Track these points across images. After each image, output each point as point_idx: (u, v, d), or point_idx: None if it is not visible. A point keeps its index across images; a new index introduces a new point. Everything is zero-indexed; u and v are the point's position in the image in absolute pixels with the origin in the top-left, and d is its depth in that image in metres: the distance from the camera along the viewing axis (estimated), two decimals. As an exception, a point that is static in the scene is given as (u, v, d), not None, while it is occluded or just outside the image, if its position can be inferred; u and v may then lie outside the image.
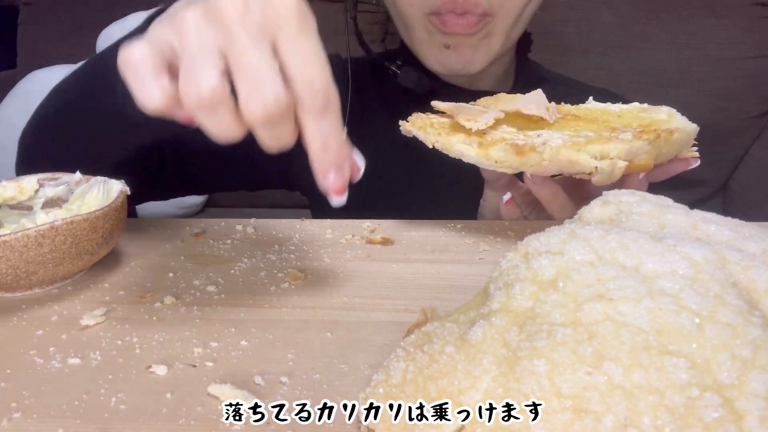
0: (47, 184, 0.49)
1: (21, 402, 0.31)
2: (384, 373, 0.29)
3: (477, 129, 0.48)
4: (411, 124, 0.52)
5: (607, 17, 1.32)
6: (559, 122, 0.51)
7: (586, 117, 0.53)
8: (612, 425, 0.22)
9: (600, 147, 0.44)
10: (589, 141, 0.45)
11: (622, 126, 0.49)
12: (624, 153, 0.44)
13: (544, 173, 0.47)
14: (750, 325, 0.24)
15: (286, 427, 0.29)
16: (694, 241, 0.28)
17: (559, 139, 0.46)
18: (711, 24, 1.29)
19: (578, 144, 0.44)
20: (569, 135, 0.47)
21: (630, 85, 1.27)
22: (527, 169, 0.46)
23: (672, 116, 0.51)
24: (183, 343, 0.36)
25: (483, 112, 0.50)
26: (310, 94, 0.31)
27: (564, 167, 0.45)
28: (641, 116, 0.52)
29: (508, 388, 0.24)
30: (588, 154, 0.44)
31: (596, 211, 0.33)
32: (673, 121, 0.50)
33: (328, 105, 0.31)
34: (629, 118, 0.52)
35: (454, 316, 0.31)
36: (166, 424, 0.29)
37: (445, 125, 0.51)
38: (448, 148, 0.49)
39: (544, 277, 0.28)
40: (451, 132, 0.49)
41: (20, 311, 0.40)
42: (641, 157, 0.45)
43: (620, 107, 0.55)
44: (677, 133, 0.47)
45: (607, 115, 0.54)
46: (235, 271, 0.45)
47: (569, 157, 0.44)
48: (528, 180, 0.49)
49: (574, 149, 0.44)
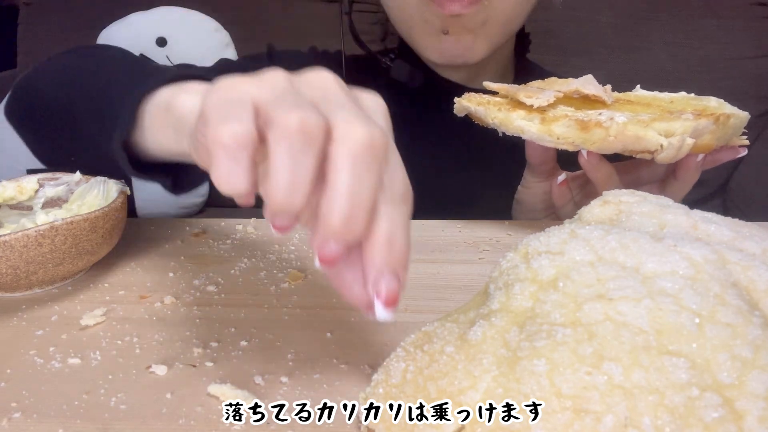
0: (47, 184, 0.49)
1: (21, 402, 0.31)
2: (384, 373, 0.29)
3: (538, 106, 0.48)
4: (468, 101, 0.52)
5: (607, 17, 1.32)
6: (615, 105, 0.51)
7: (639, 102, 0.52)
8: (612, 425, 0.22)
9: (666, 125, 0.44)
10: (653, 119, 0.44)
11: (680, 111, 0.49)
12: (691, 130, 0.44)
13: (606, 151, 0.46)
14: (750, 325, 0.24)
15: (286, 427, 0.29)
16: (694, 241, 0.28)
17: (622, 117, 0.45)
18: (711, 24, 1.28)
19: (644, 122, 0.44)
20: (631, 115, 0.47)
21: (630, 85, 1.26)
22: (590, 146, 0.46)
23: (722, 104, 0.51)
24: (183, 343, 0.36)
25: (542, 91, 0.49)
26: (395, 185, 0.27)
27: (629, 144, 0.44)
28: (692, 103, 0.52)
29: (508, 388, 0.24)
30: (654, 131, 0.44)
31: (596, 211, 0.33)
32: (724, 108, 0.50)
33: (406, 198, 0.28)
34: (681, 104, 0.52)
35: (454, 316, 0.31)
36: (166, 424, 0.29)
37: (504, 103, 0.51)
38: (508, 125, 0.48)
39: (544, 277, 0.28)
40: (512, 109, 0.49)
41: (20, 311, 0.40)
42: (705, 137, 0.45)
43: (670, 95, 0.55)
44: (733, 118, 0.47)
45: (659, 101, 0.54)
46: (235, 271, 0.45)
47: (636, 132, 0.43)
48: (583, 160, 0.48)
49: (640, 126, 0.44)
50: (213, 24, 1.30)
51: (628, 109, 0.49)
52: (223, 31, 1.31)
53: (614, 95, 0.54)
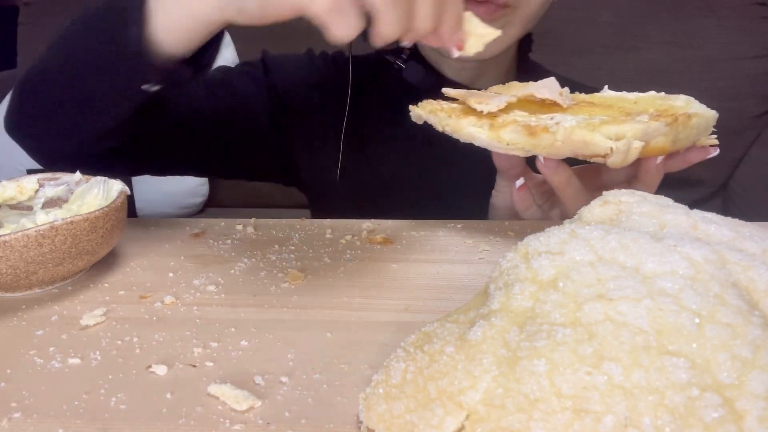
0: (47, 184, 0.49)
1: (21, 402, 0.31)
2: (384, 373, 0.29)
3: (488, 112, 0.48)
4: (421, 109, 0.52)
5: (607, 17, 1.32)
6: (573, 108, 0.50)
7: (601, 104, 0.52)
8: (612, 425, 0.22)
9: (615, 128, 0.43)
10: (603, 122, 0.44)
11: (638, 112, 0.48)
12: (640, 134, 0.43)
13: (556, 156, 0.46)
14: (750, 325, 0.24)
15: (286, 426, 0.29)
16: (694, 241, 0.28)
17: (572, 121, 0.45)
18: (711, 24, 1.29)
19: (592, 125, 0.44)
20: (583, 118, 0.46)
21: (630, 85, 1.26)
22: (540, 152, 0.46)
23: (690, 103, 0.50)
24: (183, 343, 0.36)
25: (495, 96, 0.49)
26: None
27: (578, 148, 0.44)
28: (657, 103, 0.52)
29: (508, 388, 0.24)
30: (603, 134, 0.43)
31: (596, 211, 0.33)
32: (691, 107, 0.49)
33: None
34: (645, 105, 0.51)
35: (454, 316, 0.31)
36: (166, 424, 0.29)
37: (456, 110, 0.51)
38: (459, 131, 0.48)
39: (544, 277, 0.28)
40: (462, 116, 0.49)
41: (20, 311, 0.40)
42: (658, 140, 0.44)
43: (636, 95, 0.54)
44: (696, 118, 0.46)
45: (623, 102, 0.53)
46: (235, 271, 0.45)
47: (583, 137, 0.43)
48: (540, 164, 0.48)
49: (588, 129, 0.43)
50: (213, 24, 1.30)
51: (587, 112, 0.49)
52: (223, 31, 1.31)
53: (578, 97, 0.54)
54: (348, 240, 0.50)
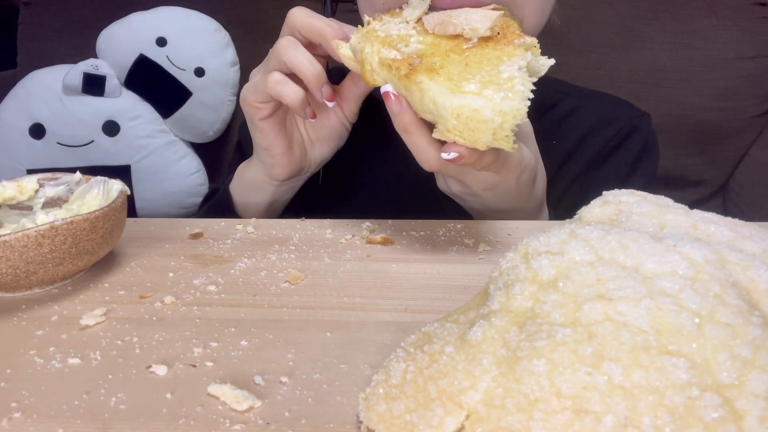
0: (47, 184, 0.49)
1: (21, 402, 0.31)
2: (384, 373, 0.29)
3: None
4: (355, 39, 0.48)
5: (607, 17, 1.32)
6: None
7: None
8: (612, 425, 0.22)
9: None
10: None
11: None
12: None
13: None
14: (750, 325, 0.24)
15: (286, 426, 0.29)
16: (694, 241, 0.28)
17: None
18: (711, 24, 1.28)
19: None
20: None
21: (630, 85, 1.27)
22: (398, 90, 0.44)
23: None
24: (183, 343, 0.36)
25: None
26: None
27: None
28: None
29: (508, 388, 0.24)
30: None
31: (596, 211, 0.33)
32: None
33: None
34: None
35: (454, 316, 0.31)
36: (166, 424, 0.29)
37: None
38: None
39: (544, 277, 0.28)
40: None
41: (20, 311, 0.40)
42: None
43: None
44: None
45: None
46: (235, 271, 0.45)
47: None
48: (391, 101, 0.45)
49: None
50: (213, 24, 1.30)
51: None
52: (223, 31, 1.31)
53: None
54: (348, 240, 0.50)
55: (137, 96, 1.27)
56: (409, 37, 0.45)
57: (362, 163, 0.74)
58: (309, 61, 0.51)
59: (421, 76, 0.41)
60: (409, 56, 0.43)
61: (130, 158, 1.26)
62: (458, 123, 0.40)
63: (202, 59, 1.27)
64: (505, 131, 0.39)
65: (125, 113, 1.25)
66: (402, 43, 0.44)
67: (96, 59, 1.27)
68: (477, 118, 0.39)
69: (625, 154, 0.74)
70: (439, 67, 0.41)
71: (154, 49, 1.24)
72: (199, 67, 1.27)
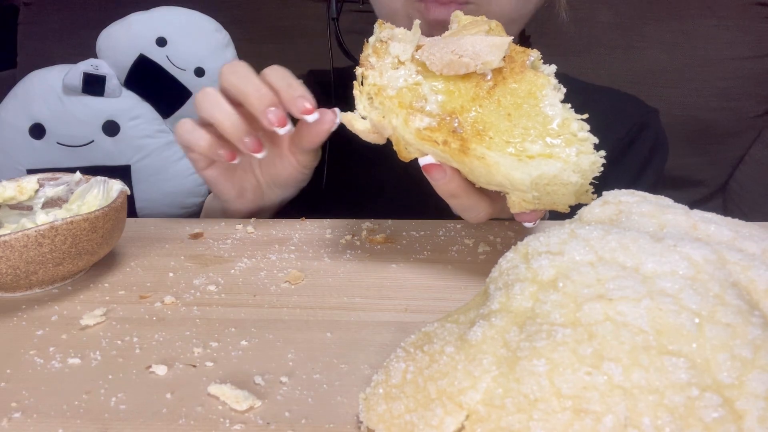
0: (47, 184, 0.49)
1: (21, 402, 0.31)
2: (384, 373, 0.29)
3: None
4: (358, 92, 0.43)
5: (607, 17, 1.32)
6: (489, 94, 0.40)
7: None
8: (612, 425, 0.22)
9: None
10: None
11: None
12: None
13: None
14: (750, 325, 0.24)
15: (286, 426, 0.29)
16: (694, 241, 0.28)
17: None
18: (711, 24, 1.28)
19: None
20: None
21: (630, 85, 1.27)
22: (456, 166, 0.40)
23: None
24: (183, 343, 0.36)
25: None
26: None
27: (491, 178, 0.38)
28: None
29: (508, 388, 0.24)
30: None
31: (596, 211, 0.33)
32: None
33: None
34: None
35: (454, 316, 0.31)
36: (166, 424, 0.29)
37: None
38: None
39: (544, 277, 0.28)
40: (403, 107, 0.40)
41: (20, 311, 0.40)
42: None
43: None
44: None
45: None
46: (235, 271, 0.45)
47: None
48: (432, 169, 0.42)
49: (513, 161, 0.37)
50: (213, 24, 1.30)
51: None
52: (223, 31, 1.31)
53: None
54: (348, 240, 0.50)
55: (137, 96, 1.27)
56: (417, 86, 0.40)
57: (362, 163, 0.74)
58: (225, 114, 0.49)
59: (479, 148, 0.37)
60: (442, 119, 0.38)
61: (130, 158, 1.26)
62: (538, 193, 0.38)
63: (202, 59, 1.27)
64: (586, 187, 0.37)
65: (125, 113, 1.25)
66: (421, 101, 0.40)
67: (96, 59, 1.27)
68: (558, 183, 0.37)
69: (636, 153, 0.73)
70: (487, 129, 0.38)
71: (154, 49, 1.24)
72: (199, 67, 1.27)
